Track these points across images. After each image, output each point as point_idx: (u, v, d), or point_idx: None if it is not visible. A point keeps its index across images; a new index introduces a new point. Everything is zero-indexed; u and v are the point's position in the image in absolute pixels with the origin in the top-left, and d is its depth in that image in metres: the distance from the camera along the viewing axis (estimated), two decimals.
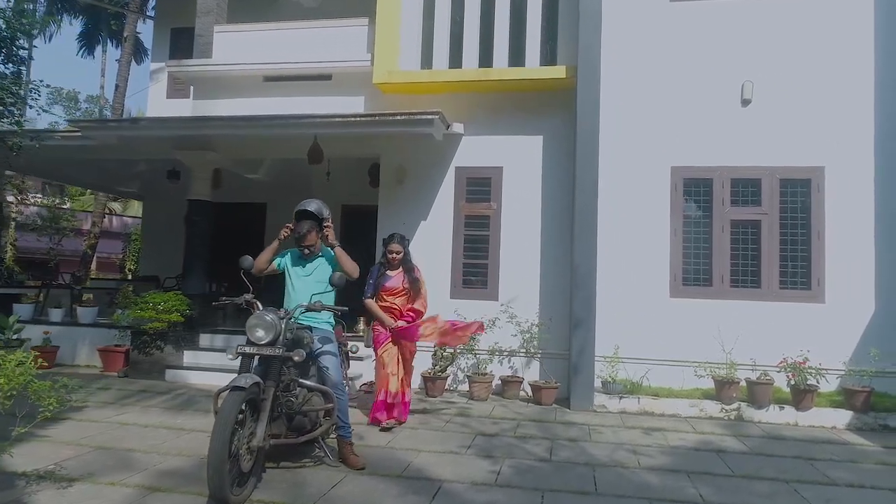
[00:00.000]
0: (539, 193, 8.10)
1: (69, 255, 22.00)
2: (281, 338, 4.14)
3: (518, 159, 8.17)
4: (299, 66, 8.81)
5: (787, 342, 6.93)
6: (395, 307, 6.00)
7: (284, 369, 4.24)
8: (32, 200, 20.08)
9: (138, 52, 22.61)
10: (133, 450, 4.93)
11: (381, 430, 5.75)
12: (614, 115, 7.73)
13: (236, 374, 4.03)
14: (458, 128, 8.07)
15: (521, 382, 7.69)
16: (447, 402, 7.32)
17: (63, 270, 23.18)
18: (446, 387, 7.81)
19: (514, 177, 8.18)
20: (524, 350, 7.82)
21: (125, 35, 19.53)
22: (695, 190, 7.72)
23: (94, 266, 22.39)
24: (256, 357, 4.22)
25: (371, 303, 5.96)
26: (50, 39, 26.26)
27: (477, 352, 7.75)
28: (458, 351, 7.80)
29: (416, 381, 7.83)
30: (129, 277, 17.60)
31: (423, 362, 7.77)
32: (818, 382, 6.68)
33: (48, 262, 18.67)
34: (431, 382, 7.54)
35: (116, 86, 19.73)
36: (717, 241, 7.55)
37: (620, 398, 7.01)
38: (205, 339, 8.60)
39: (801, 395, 6.57)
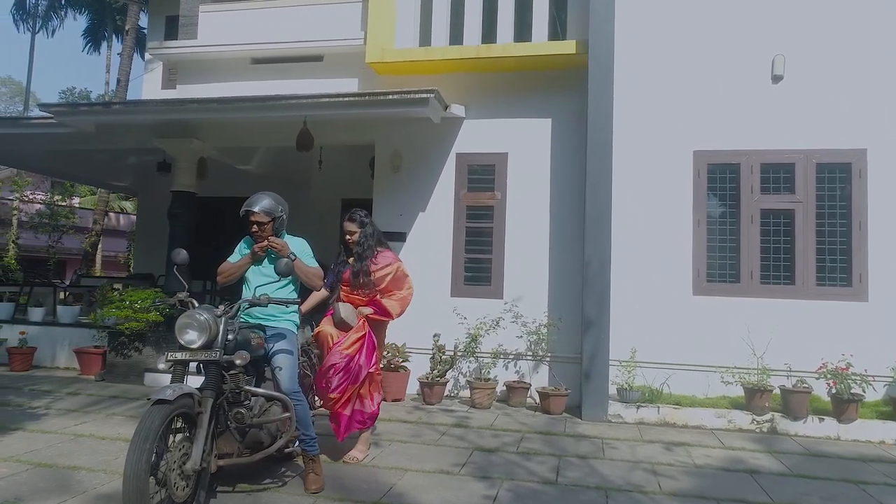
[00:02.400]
0: (547, 182, 7.40)
1: (75, 254, 21.68)
2: (219, 339, 3.49)
3: (524, 144, 7.47)
4: (289, 46, 8.19)
5: (826, 345, 6.17)
6: (353, 300, 4.73)
7: (227, 376, 3.59)
8: (32, 197, 19.70)
9: (141, 45, 22.20)
10: (77, 468, 4.31)
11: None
12: (630, 95, 7.01)
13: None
14: (457, 110, 7.39)
15: (528, 389, 6.99)
16: (445, 410, 6.65)
17: (69, 269, 22.96)
18: (446, 393, 7.14)
19: (520, 163, 7.48)
20: (531, 353, 7.12)
21: (127, 28, 19.13)
22: (720, 176, 6.97)
23: (99, 265, 22.06)
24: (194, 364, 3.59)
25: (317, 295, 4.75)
26: (53, 34, 26.00)
27: (479, 355, 7.06)
28: (459, 354, 7.12)
29: (413, 386, 7.19)
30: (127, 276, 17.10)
31: (420, 366, 7.12)
32: (863, 391, 5.91)
33: (47, 260, 18.27)
34: (429, 388, 6.86)
35: (118, 80, 19.33)
36: (746, 232, 6.80)
37: (638, 407, 6.29)
38: None
39: (844, 406, 5.81)
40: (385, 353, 7.02)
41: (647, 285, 6.86)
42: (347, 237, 4.73)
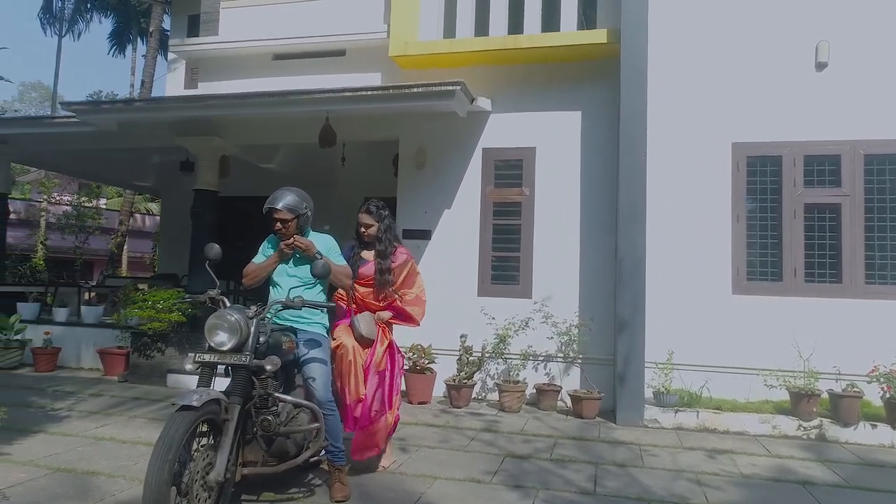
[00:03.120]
0: (577, 176, 7.13)
1: (102, 255, 21.89)
2: (249, 342, 3.30)
3: (553, 138, 7.21)
4: (311, 41, 8.03)
5: (877, 347, 5.82)
6: (368, 303, 4.35)
7: (256, 381, 3.40)
8: (59, 199, 19.90)
9: (164, 46, 22.32)
10: (97, 473, 4.17)
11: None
12: (664, 85, 6.71)
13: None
14: (484, 103, 7.15)
15: (559, 392, 6.73)
16: (473, 413, 6.42)
17: (96, 270, 23.19)
18: (473, 395, 6.91)
19: (549, 158, 7.22)
20: (562, 354, 6.85)
21: (151, 30, 19.22)
22: (760, 169, 6.64)
23: (125, 265, 22.24)
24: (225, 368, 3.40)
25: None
26: (79, 37, 26.31)
27: (508, 356, 6.82)
28: (487, 355, 6.88)
29: (439, 389, 6.98)
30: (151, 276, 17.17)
31: (446, 368, 6.91)
32: None
33: (74, 261, 18.43)
34: (456, 391, 6.64)
35: (142, 81, 19.41)
36: (788, 228, 6.46)
37: (676, 412, 6.00)
38: None
39: None
40: (411, 354, 6.83)
41: (684, 284, 6.56)
42: (362, 230, 4.36)
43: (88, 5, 23.97)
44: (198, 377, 3.42)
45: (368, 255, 4.39)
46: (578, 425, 6.03)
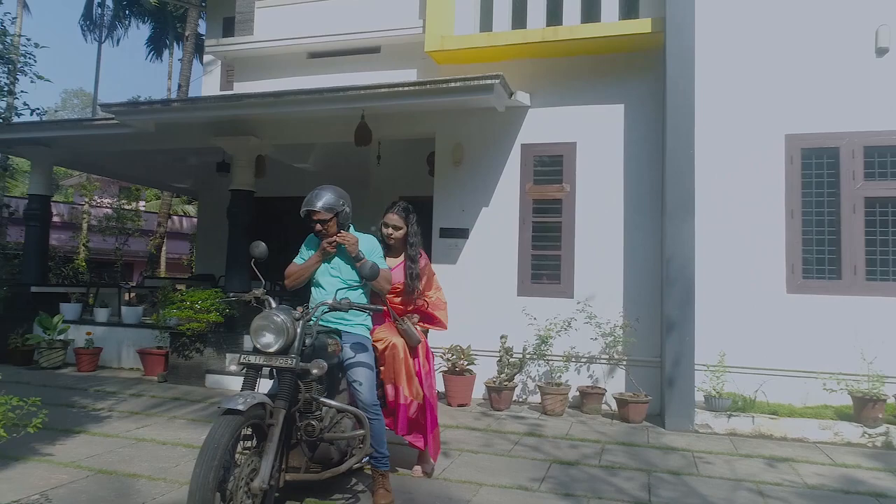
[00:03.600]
0: (620, 172, 6.88)
1: (141, 256, 22.31)
2: (296, 344, 3.19)
3: (594, 133, 6.98)
4: (345, 38, 7.95)
5: None
6: (395, 309, 4.14)
7: (301, 385, 3.28)
8: (100, 202, 20.31)
9: (200, 50, 22.64)
10: (137, 475, 4.12)
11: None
12: (711, 76, 6.43)
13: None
14: (522, 98, 6.96)
15: (604, 395, 6.50)
16: (515, 416, 6.24)
17: (135, 271, 23.64)
18: (513, 398, 6.72)
19: (590, 153, 6.99)
20: (606, 356, 6.62)
21: (186, 34, 19.48)
22: (816, 162, 6.31)
23: (163, 266, 22.61)
24: (269, 369, 3.30)
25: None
26: (118, 43, 26.85)
27: (550, 358, 6.61)
28: (528, 356, 6.69)
29: (478, 391, 6.82)
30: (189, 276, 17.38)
31: (485, 369, 6.74)
32: None
33: (115, 262, 18.78)
34: (497, 393, 6.46)
35: (179, 85, 19.71)
36: (847, 223, 6.12)
37: (729, 416, 5.72)
38: (248, 340, 7.80)
39: None
40: (450, 355, 6.68)
41: (735, 283, 6.27)
42: (389, 232, 4.14)
43: (127, 11, 24.45)
44: (242, 379, 3.32)
45: (392, 260, 4.17)
46: (625, 430, 5.80)
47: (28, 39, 4.35)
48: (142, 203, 24.58)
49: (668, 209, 6.10)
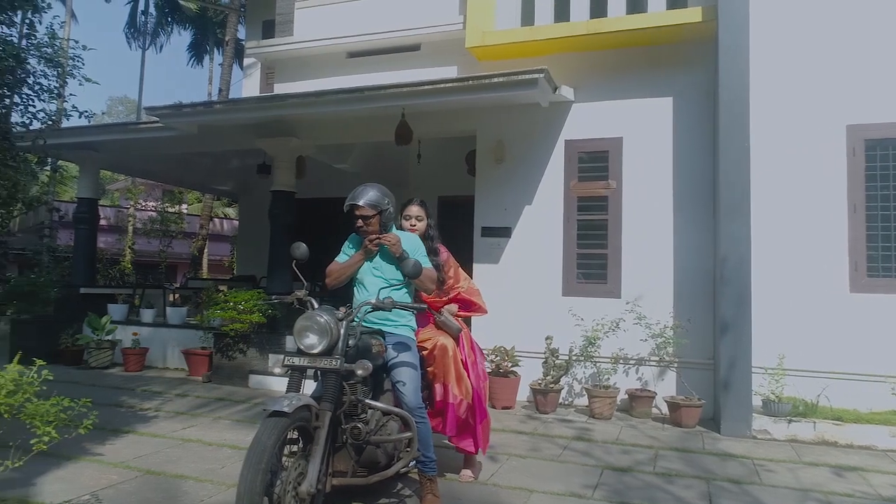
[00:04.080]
0: (669, 167, 6.64)
1: (184, 258, 22.78)
2: (340, 345, 3.10)
3: (641, 127, 6.76)
4: (385, 36, 7.90)
5: None
6: (431, 303, 4.09)
7: (346, 387, 3.20)
8: (144, 205, 20.79)
9: (240, 56, 23.00)
10: (184, 477, 4.10)
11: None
12: (765, 65, 6.17)
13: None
14: (566, 92, 6.78)
15: (653, 398, 6.28)
16: (562, 420, 6.07)
17: (179, 272, 24.16)
18: (559, 400, 6.55)
19: (637, 148, 6.77)
20: (656, 358, 6.39)
21: (227, 39, 19.78)
22: (881, 154, 5.97)
23: (205, 268, 23.03)
24: (314, 371, 3.22)
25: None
26: (161, 50, 27.51)
27: (597, 359, 6.42)
28: (574, 358, 6.51)
29: (523, 393, 6.67)
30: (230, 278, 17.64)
31: (530, 371, 6.58)
32: None
33: (159, 264, 19.20)
34: (542, 396, 6.30)
35: (220, 90, 20.02)
36: None
37: (789, 422, 5.45)
38: (290, 341, 7.85)
39: None
40: (493, 356, 6.55)
41: (794, 281, 5.99)
42: (412, 224, 4.09)
43: (169, 19, 25.02)
44: (285, 380, 3.26)
45: None
46: (678, 435, 5.57)
47: (76, 42, 4.41)
48: (184, 206, 25.10)
49: (722, 205, 5.84)
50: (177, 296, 10.65)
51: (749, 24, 5.94)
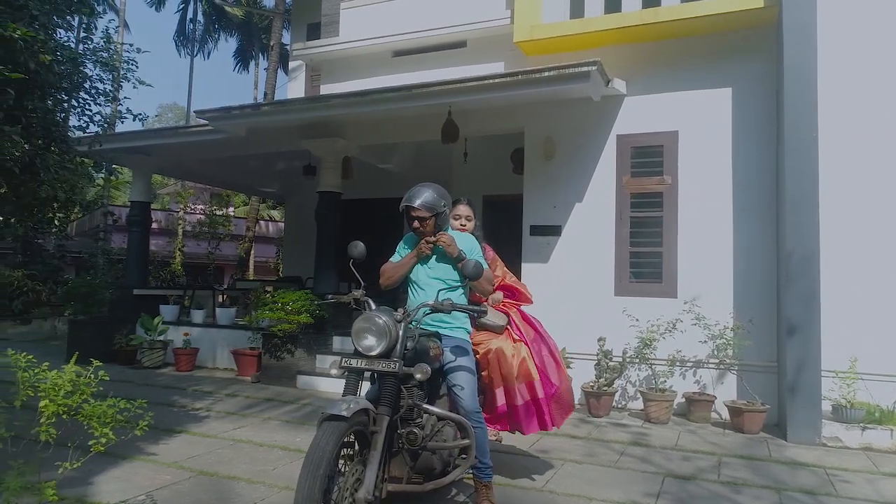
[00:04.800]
0: (728, 160, 6.36)
1: (231, 260, 23.25)
2: (398, 347, 3.01)
3: (698, 120, 6.49)
4: (431, 34, 7.82)
5: None
6: (477, 299, 4.03)
7: (404, 390, 3.10)
8: (193, 208, 21.29)
9: (285, 62, 23.32)
10: (237, 478, 4.08)
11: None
12: (833, 47, 5.80)
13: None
14: (619, 85, 6.57)
15: (713, 402, 6.01)
16: (616, 424, 5.86)
17: (226, 274, 24.68)
18: (612, 403, 6.33)
19: (694, 142, 6.50)
20: (715, 360, 6.11)
21: (272, 44, 20.08)
22: None
23: (251, 270, 23.45)
24: (369, 373, 3.14)
25: None
26: (208, 56, 28.18)
27: (653, 362, 6.18)
28: (629, 360, 6.29)
29: (576, 395, 6.44)
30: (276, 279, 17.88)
31: (581, 373, 6.39)
32: None
33: (208, 266, 19.63)
34: (595, 399, 6.10)
35: (265, 94, 20.34)
36: None
37: (863, 429, 5.13)
38: (337, 342, 7.85)
39: None
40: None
41: (868, 280, 5.63)
42: (463, 223, 4.02)
43: (216, 25, 25.59)
44: (332, 381, 3.19)
45: None
46: (742, 441, 5.31)
47: (131, 45, 4.48)
48: (230, 209, 25.64)
49: (788, 200, 5.54)
50: (225, 297, 10.79)
51: (816, 2, 5.61)
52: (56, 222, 4.87)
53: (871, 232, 5.67)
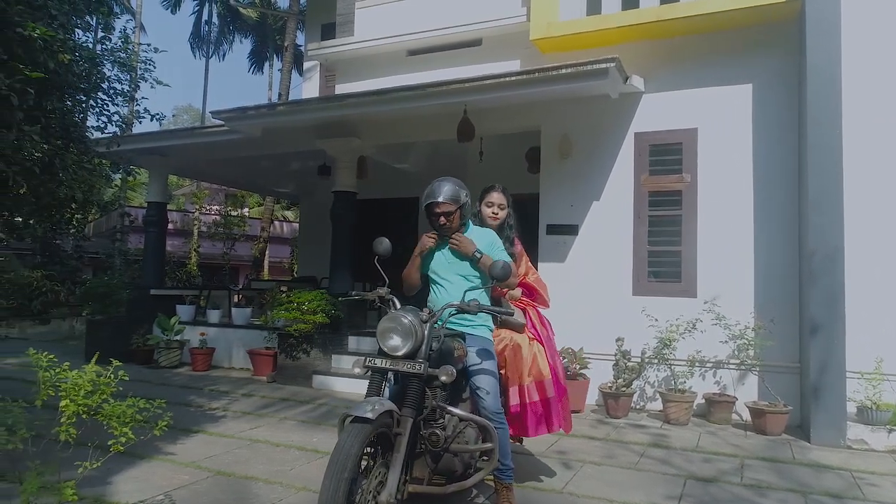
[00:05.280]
0: (749, 158, 6.26)
1: (246, 260, 23.39)
2: (423, 348, 2.96)
3: (718, 117, 6.40)
4: (446, 32, 7.80)
5: None
6: (497, 291, 3.91)
7: (428, 392, 3.06)
8: (209, 209, 21.42)
9: (299, 62, 23.39)
10: (254, 478, 4.07)
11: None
12: (856, 41, 5.68)
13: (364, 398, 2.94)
14: (637, 82, 6.49)
15: (734, 403, 5.92)
16: (635, 425, 5.79)
17: (241, 274, 24.83)
18: (630, 405, 6.26)
19: (713, 139, 6.41)
20: (736, 361, 6.02)
21: (286, 45, 20.16)
22: None
23: (266, 270, 23.56)
24: (391, 374, 3.11)
25: None
26: (223, 58, 28.37)
27: (672, 362, 6.10)
28: (647, 360, 6.21)
29: (592, 396, 6.43)
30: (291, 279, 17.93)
31: (599, 373, 6.33)
32: None
33: (223, 266, 19.74)
34: (614, 400, 6.04)
35: (279, 94, 20.45)
36: None
37: (889, 431, 5.02)
38: (352, 342, 7.84)
39: None
40: (562, 359, 6.31)
41: (891, 279, 5.52)
42: (494, 213, 3.88)
43: (231, 27, 25.74)
44: (347, 380, 3.17)
45: None
46: (764, 443, 5.21)
47: (149, 45, 4.51)
48: (244, 209, 25.78)
49: (811, 197, 5.44)
50: (241, 297, 10.84)
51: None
52: (74, 223, 4.88)
53: (890, 232, 5.54)
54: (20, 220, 4.39)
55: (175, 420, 5.06)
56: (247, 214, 25.03)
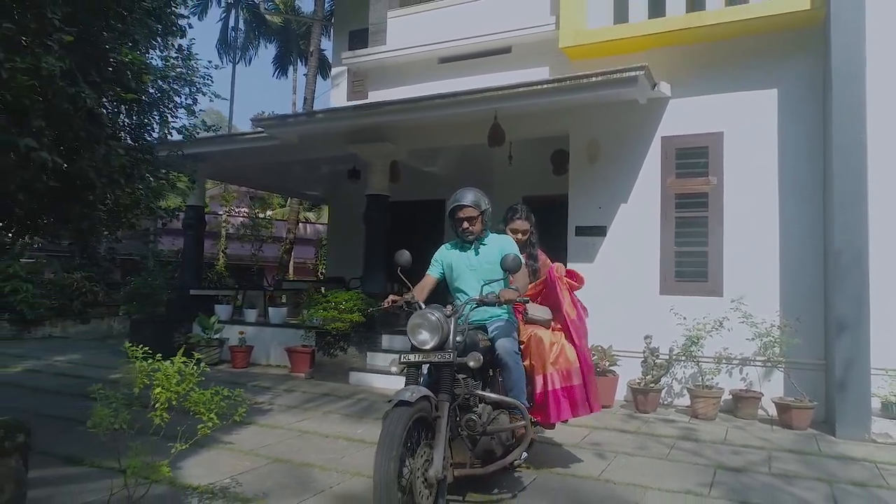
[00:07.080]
0: (774, 160, 6.44)
1: (272, 261, 23.87)
2: (450, 339, 3.32)
3: (743, 121, 6.58)
4: (476, 40, 8.05)
5: None
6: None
7: (459, 379, 3.42)
8: (237, 211, 21.91)
9: (324, 67, 23.82)
10: (310, 465, 4.37)
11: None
12: (881, 47, 5.84)
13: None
14: (664, 88, 6.70)
15: (759, 399, 6.11)
16: (664, 419, 6.00)
17: (268, 275, 25.32)
18: (659, 400, 6.47)
19: (739, 143, 6.60)
20: (762, 358, 6.21)
21: (311, 49, 20.58)
22: None
23: (291, 271, 24.02)
24: (425, 367, 3.46)
25: None
26: (249, 63, 28.92)
27: (700, 359, 6.30)
28: (675, 357, 6.42)
29: (621, 392, 6.65)
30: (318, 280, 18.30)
31: (627, 370, 6.55)
32: None
33: (251, 267, 20.18)
34: (643, 395, 6.25)
35: (305, 99, 20.87)
36: None
37: None
38: (385, 340, 8.13)
39: None
40: (591, 355, 6.55)
41: None
42: (519, 237, 4.42)
43: (256, 33, 26.26)
44: (384, 377, 3.50)
45: None
46: (790, 437, 5.40)
47: (209, 62, 4.83)
48: (269, 211, 26.27)
49: (837, 198, 5.61)
50: (280, 296, 11.19)
51: (865, 2, 5.65)
52: (135, 227, 5.23)
53: None
54: (86, 225, 4.71)
55: (228, 412, 5.42)
56: (270, 216, 25.53)
